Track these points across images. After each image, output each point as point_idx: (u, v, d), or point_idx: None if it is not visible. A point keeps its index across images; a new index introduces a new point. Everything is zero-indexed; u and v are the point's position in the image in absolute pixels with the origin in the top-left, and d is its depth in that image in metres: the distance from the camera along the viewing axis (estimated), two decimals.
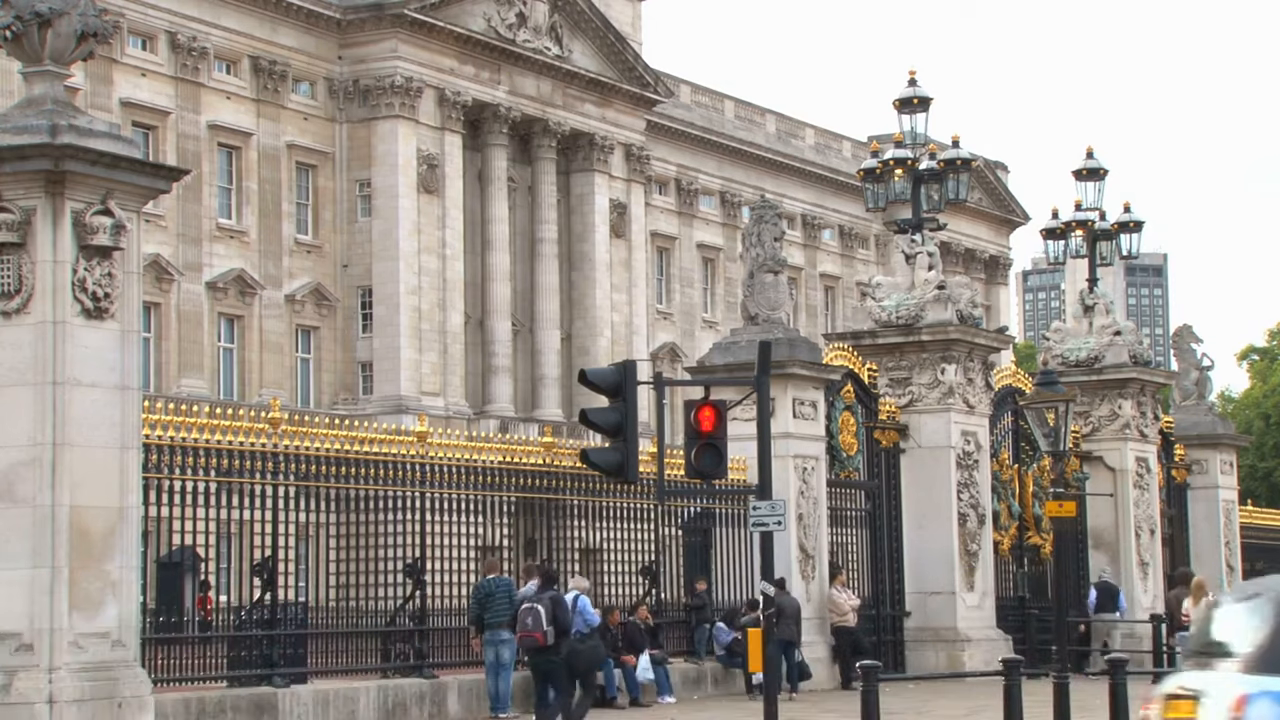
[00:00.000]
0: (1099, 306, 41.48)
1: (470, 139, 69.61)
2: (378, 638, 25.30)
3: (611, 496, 28.67)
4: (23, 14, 18.55)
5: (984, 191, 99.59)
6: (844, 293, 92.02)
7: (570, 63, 73.00)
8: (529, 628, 23.25)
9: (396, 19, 66.17)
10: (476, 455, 26.88)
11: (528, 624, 23.29)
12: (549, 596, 23.51)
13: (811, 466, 31.78)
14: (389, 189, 65.81)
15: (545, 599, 23.39)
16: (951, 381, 34.52)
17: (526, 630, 23.34)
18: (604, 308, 74.59)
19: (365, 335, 66.08)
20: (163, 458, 21.53)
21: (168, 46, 61.19)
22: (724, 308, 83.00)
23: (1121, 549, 40.22)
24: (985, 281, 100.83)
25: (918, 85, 36.25)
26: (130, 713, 18.39)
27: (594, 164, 74.86)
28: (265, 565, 23.06)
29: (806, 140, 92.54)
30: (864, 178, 35.98)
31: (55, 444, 18.13)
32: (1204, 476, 44.55)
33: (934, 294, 34.79)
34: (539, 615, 23.15)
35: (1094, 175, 41.36)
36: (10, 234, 18.29)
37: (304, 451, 23.90)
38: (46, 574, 17.91)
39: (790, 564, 30.69)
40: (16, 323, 18.33)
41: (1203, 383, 45.94)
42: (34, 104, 18.82)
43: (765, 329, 30.79)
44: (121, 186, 18.79)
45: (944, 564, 34.27)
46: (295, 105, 65.28)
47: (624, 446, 18.88)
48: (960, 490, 34.64)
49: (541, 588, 23.81)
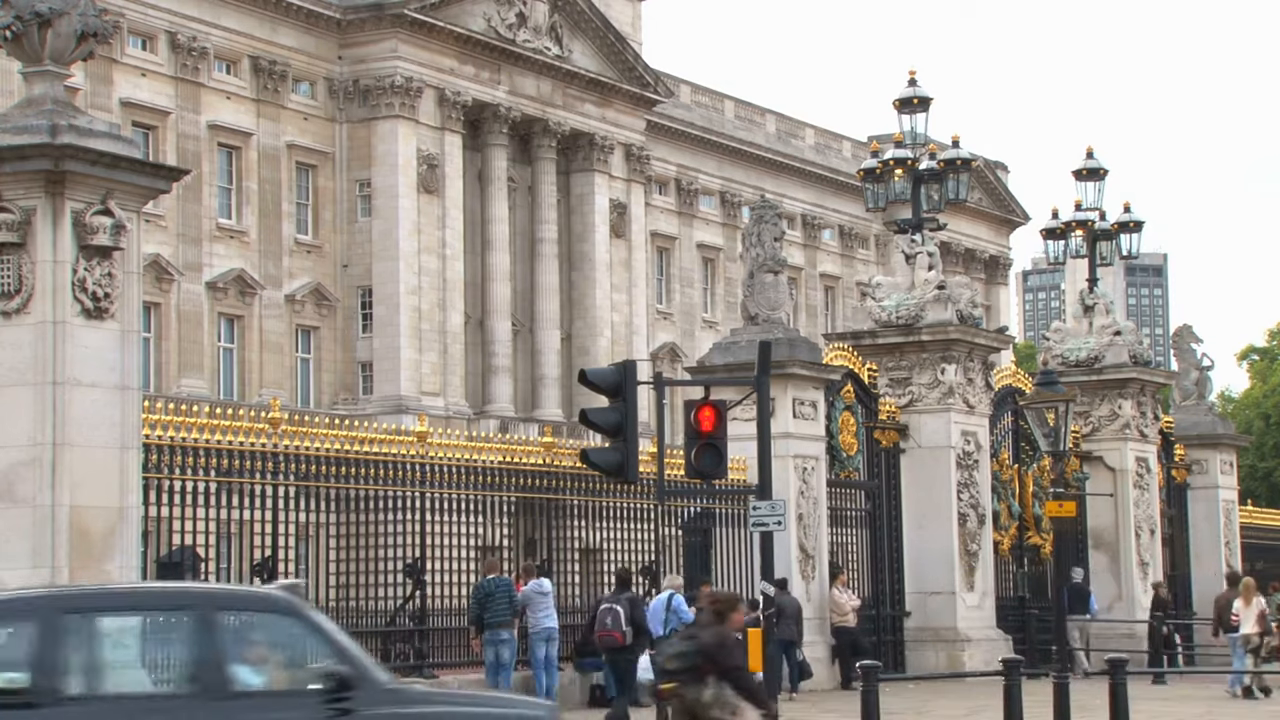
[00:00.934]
0: (1099, 306, 41.49)
1: (470, 139, 69.59)
2: (378, 638, 25.30)
3: (611, 496, 28.66)
4: (23, 14, 18.56)
5: (984, 191, 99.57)
6: (844, 293, 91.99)
7: (570, 63, 72.99)
8: (608, 627, 24.01)
9: (396, 19, 66.15)
10: (476, 455, 26.88)
11: (607, 624, 24.07)
12: (626, 597, 24.45)
13: (811, 466, 31.77)
14: (389, 189, 65.79)
15: (623, 599, 24.35)
16: (951, 381, 34.52)
17: (606, 630, 24.20)
18: (604, 308, 74.57)
19: (365, 335, 66.06)
20: (163, 458, 21.53)
21: (168, 46, 61.16)
22: (724, 308, 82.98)
23: (1121, 549, 40.23)
24: (985, 281, 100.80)
25: (918, 85, 36.24)
26: None
27: (594, 164, 74.85)
28: (265, 565, 23.07)
29: (806, 140, 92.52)
30: (864, 178, 35.97)
31: (55, 444, 18.14)
32: (1204, 476, 44.55)
33: (934, 294, 34.79)
34: (618, 616, 23.91)
35: (1094, 175, 41.38)
36: (10, 234, 18.31)
37: (304, 451, 23.90)
38: (46, 574, 17.92)
39: (790, 564, 30.67)
40: (16, 323, 18.34)
41: (1203, 383, 45.95)
42: (34, 104, 18.83)
43: (765, 329, 30.78)
44: (121, 186, 18.81)
45: (944, 564, 34.27)
46: (295, 105, 65.26)
47: (624, 446, 18.91)
48: (960, 490, 34.63)
49: (618, 589, 24.87)
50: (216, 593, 13.50)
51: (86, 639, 11.82)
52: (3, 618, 12.04)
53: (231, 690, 11.87)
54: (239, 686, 11.93)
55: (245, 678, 11.99)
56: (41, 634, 11.62)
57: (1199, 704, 29.75)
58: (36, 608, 12.02)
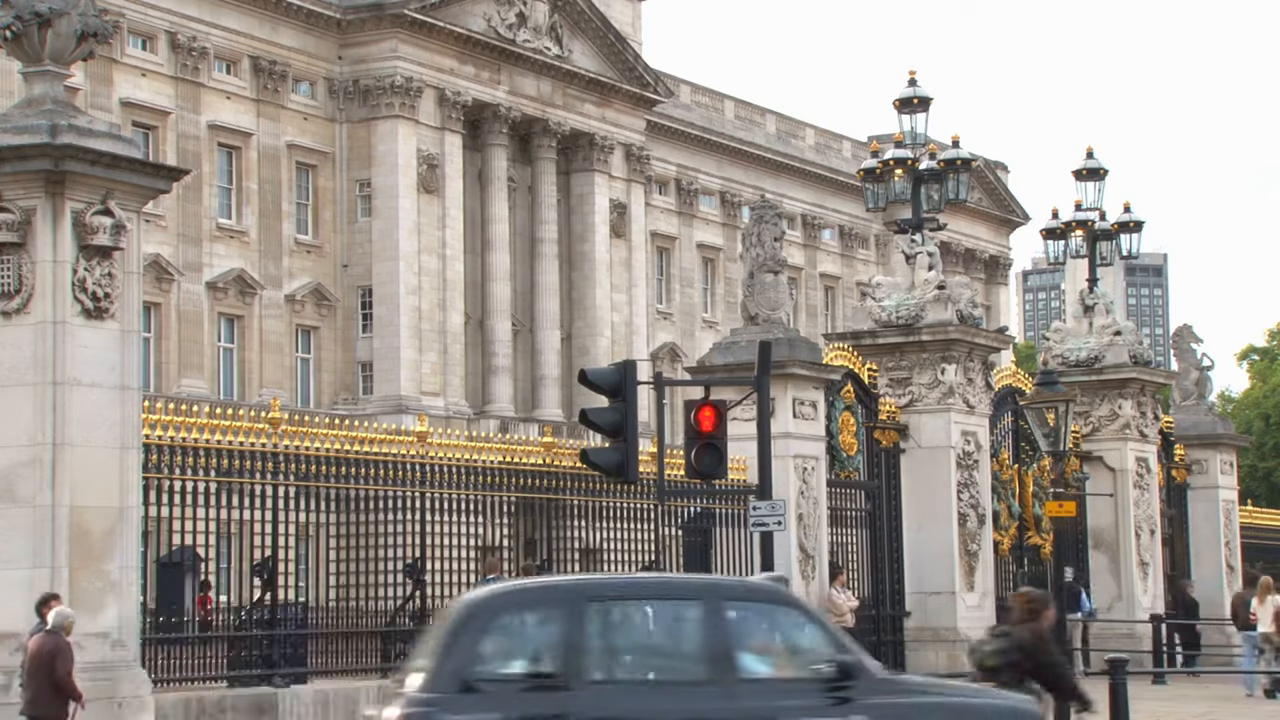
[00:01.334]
0: (1099, 306, 41.46)
1: (470, 139, 69.60)
2: (378, 638, 25.28)
3: (611, 496, 28.64)
4: (23, 14, 18.56)
5: (984, 191, 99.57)
6: (844, 293, 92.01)
7: (570, 63, 72.99)
8: None
9: (396, 19, 66.16)
10: (476, 455, 26.86)
11: None
12: None
13: (811, 466, 31.74)
14: (389, 189, 65.80)
15: None
16: (951, 381, 34.50)
17: None
18: (604, 308, 74.58)
19: (365, 335, 66.08)
20: (163, 458, 21.49)
21: (168, 46, 61.18)
22: (724, 308, 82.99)
23: (1121, 549, 40.19)
24: (985, 281, 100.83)
25: (918, 85, 36.20)
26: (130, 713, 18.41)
27: (594, 164, 74.85)
28: (265, 565, 23.05)
29: (806, 140, 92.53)
30: (864, 178, 35.93)
31: (55, 444, 18.14)
32: (1204, 476, 44.51)
33: (934, 294, 34.76)
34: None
35: (1094, 175, 41.34)
36: (10, 234, 18.31)
37: (304, 451, 23.88)
38: (46, 574, 17.92)
39: (790, 564, 30.64)
40: (16, 323, 18.34)
41: (1203, 383, 45.91)
42: (34, 104, 18.83)
43: (765, 329, 30.75)
44: (121, 186, 18.80)
45: (944, 564, 34.25)
46: (295, 105, 65.28)
47: (624, 446, 18.93)
48: (960, 490, 34.61)
49: None
50: (723, 584, 15.07)
51: (608, 626, 12.60)
52: (534, 605, 12.78)
53: (740, 677, 12.48)
54: (747, 674, 12.55)
55: (752, 665, 12.62)
56: (568, 620, 12.37)
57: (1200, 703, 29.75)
58: (565, 596, 12.79)
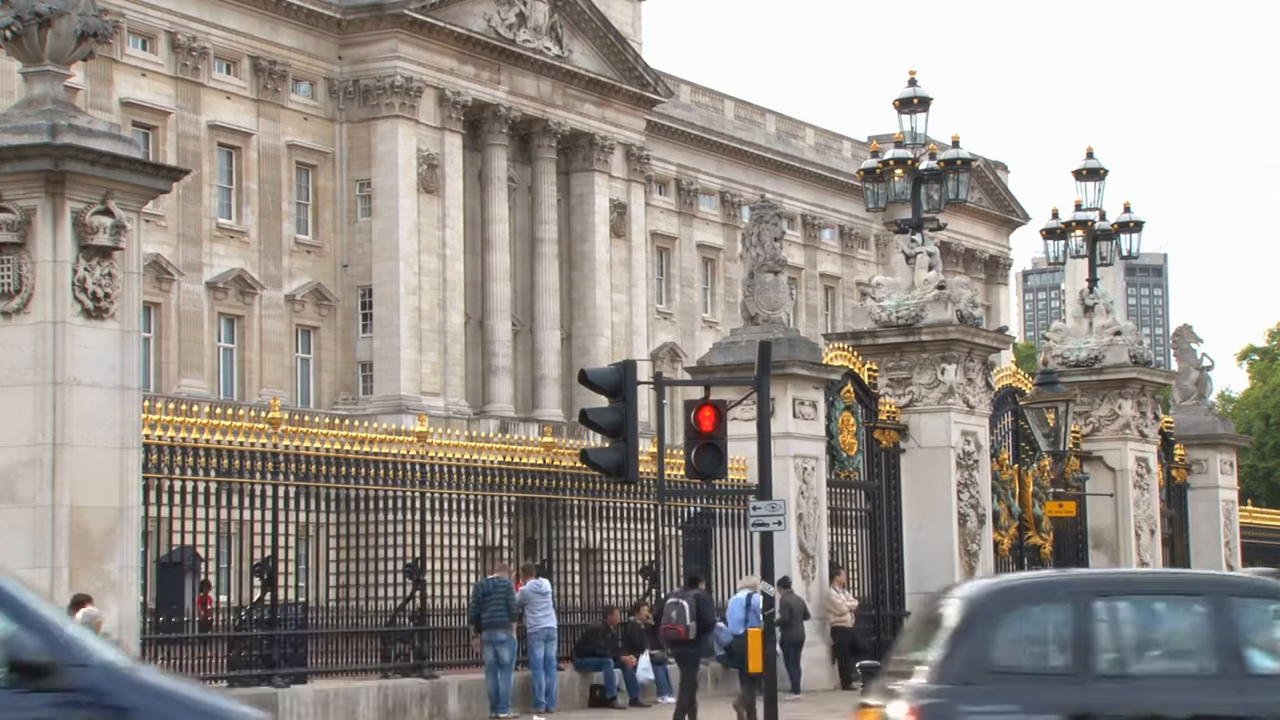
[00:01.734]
0: (1099, 306, 41.47)
1: (470, 139, 69.58)
2: (378, 638, 25.31)
3: (611, 496, 28.66)
4: (23, 14, 18.56)
5: (984, 191, 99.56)
6: (844, 293, 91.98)
7: (570, 63, 72.98)
8: (673, 620, 24.40)
9: (396, 19, 66.14)
10: (476, 455, 26.88)
11: (672, 617, 24.39)
12: (694, 594, 24.73)
13: (811, 466, 31.77)
14: (389, 189, 65.79)
15: (690, 596, 24.64)
16: (951, 381, 34.51)
17: (671, 623, 24.37)
18: (604, 308, 74.57)
19: (365, 335, 66.06)
20: (163, 458, 21.51)
21: (168, 46, 61.16)
22: (724, 308, 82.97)
23: (1121, 549, 40.21)
24: (985, 281, 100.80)
25: (918, 85, 36.22)
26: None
27: (594, 164, 74.84)
28: (265, 565, 23.06)
29: (806, 140, 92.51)
30: (864, 178, 35.94)
31: (55, 444, 18.15)
32: (1204, 476, 44.54)
33: (934, 294, 34.78)
34: (683, 610, 24.22)
35: (1094, 175, 41.35)
36: (10, 234, 18.31)
37: (304, 451, 23.89)
38: (46, 574, 17.92)
39: (790, 564, 30.67)
40: (16, 323, 18.34)
41: (1203, 383, 45.93)
42: (34, 104, 18.84)
43: (765, 329, 30.76)
44: (121, 186, 18.81)
45: (944, 564, 34.25)
46: (295, 105, 65.26)
47: (624, 446, 18.90)
48: (960, 490, 34.63)
49: (687, 586, 25.51)
50: (1229, 580, 15.52)
51: (1116, 620, 12.70)
52: (1042, 600, 12.95)
53: (1249, 673, 12.49)
54: (1255, 669, 12.55)
55: (1260, 661, 12.62)
56: (1077, 615, 12.47)
57: None
58: (1073, 591, 12.88)
